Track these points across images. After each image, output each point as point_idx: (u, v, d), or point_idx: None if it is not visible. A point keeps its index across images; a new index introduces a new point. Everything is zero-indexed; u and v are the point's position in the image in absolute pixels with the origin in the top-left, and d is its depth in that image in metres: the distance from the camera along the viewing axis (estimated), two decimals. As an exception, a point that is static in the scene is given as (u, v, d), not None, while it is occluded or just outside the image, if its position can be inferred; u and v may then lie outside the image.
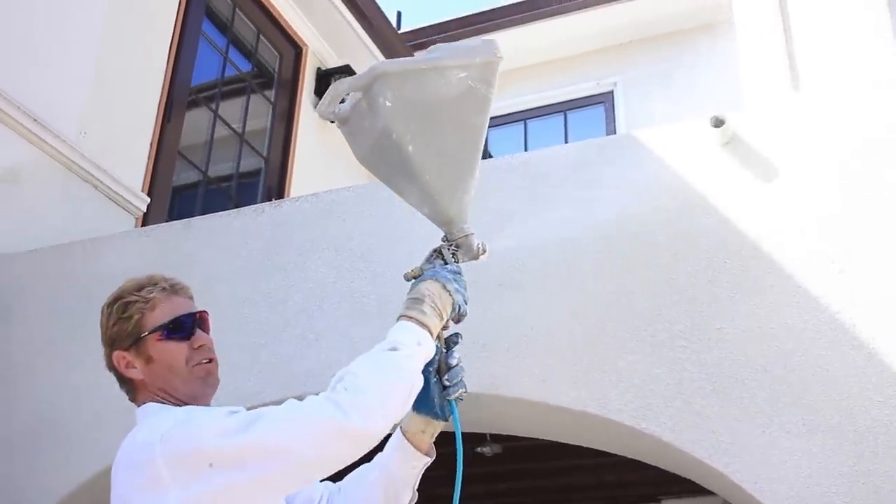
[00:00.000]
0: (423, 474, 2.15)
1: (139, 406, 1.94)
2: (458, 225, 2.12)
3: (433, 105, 2.03)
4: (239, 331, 3.62)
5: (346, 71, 7.58)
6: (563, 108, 7.92)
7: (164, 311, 1.95)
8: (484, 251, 2.16)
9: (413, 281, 2.05)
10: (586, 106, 7.87)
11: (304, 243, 3.69)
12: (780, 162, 3.12)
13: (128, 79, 5.66)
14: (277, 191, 6.96)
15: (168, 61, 6.02)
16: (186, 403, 1.91)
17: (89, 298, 4.10)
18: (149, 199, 5.57)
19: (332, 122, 2.12)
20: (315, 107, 7.57)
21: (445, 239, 2.13)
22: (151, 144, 5.77)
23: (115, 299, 1.97)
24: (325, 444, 1.71)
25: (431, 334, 1.94)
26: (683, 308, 3.01)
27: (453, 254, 2.11)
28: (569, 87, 7.85)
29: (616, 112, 7.69)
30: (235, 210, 4.00)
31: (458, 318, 2.05)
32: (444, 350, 2.06)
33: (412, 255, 3.41)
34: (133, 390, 1.96)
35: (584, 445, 3.49)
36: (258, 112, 7.28)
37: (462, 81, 2.05)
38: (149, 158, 5.73)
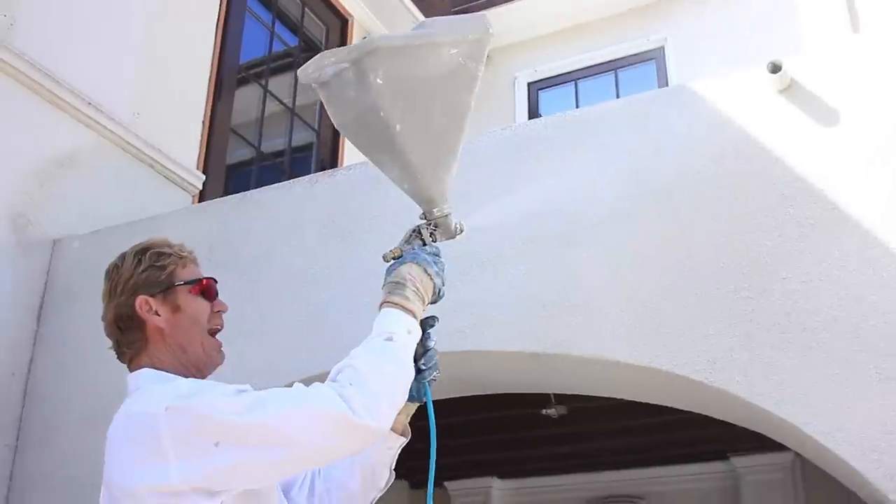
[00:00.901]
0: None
1: (132, 370, 1.93)
2: (439, 204, 2.09)
3: (423, 82, 2.00)
4: (295, 300, 3.63)
5: (393, 40, 7.53)
6: (614, 66, 7.78)
7: (192, 271, 2.01)
8: (461, 231, 2.14)
9: (392, 262, 2.04)
10: (637, 63, 7.73)
11: (359, 212, 3.68)
12: (840, 106, 3.04)
13: (177, 59, 5.70)
14: (330, 163, 6.96)
15: (216, 39, 6.04)
16: (189, 371, 1.92)
17: (151, 276, 4.16)
18: (204, 177, 5.61)
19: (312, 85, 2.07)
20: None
21: (424, 217, 2.11)
22: (204, 123, 5.81)
23: (146, 249, 2.00)
24: (332, 438, 1.72)
25: (416, 319, 1.95)
26: (747, 259, 2.95)
27: (432, 234, 2.09)
28: (618, 44, 7.71)
29: (668, 68, 7.55)
30: (290, 181, 4.01)
31: (435, 299, 2.04)
32: (421, 332, 2.02)
33: (461, 215, 3.41)
34: (142, 343, 1.93)
35: (651, 402, 3.47)
36: (307, 85, 7.24)
37: (453, 58, 2.01)
38: (202, 136, 5.77)
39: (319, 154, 7.06)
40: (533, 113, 7.77)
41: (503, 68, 8.18)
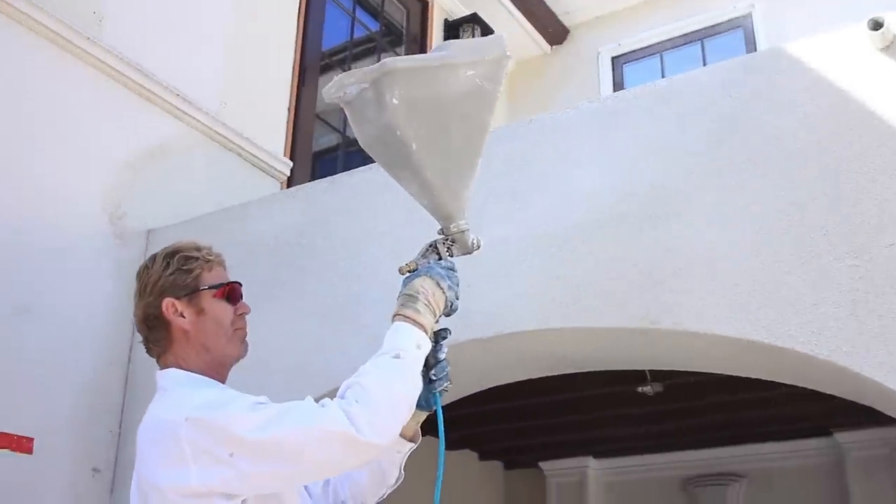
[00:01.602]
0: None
1: (161, 367, 2.07)
2: (456, 220, 2.15)
3: (440, 103, 2.05)
4: (385, 282, 3.61)
5: (474, 20, 7.50)
6: (700, 36, 7.59)
7: (217, 275, 2.12)
8: (478, 246, 2.21)
9: (407, 275, 2.11)
10: (724, 32, 7.54)
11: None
12: (947, 60, 2.89)
13: (261, 48, 5.76)
14: (415, 146, 6.95)
15: (298, 27, 6.09)
16: (213, 368, 2.05)
17: (242, 263, 4.19)
18: (291, 164, 5.67)
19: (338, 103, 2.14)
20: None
21: (442, 233, 2.18)
22: (289, 109, 5.86)
23: (175, 252, 2.10)
24: (335, 453, 1.82)
25: (426, 333, 2.01)
26: (850, 226, 2.83)
27: (448, 248, 2.16)
28: (704, 13, 7.53)
29: (756, 35, 7.34)
30: (377, 163, 3.99)
31: (449, 312, 2.10)
32: (434, 343, 2.08)
33: (557, 192, 3.36)
34: (167, 342, 2.05)
35: (752, 377, 3.37)
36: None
37: (470, 79, 2.06)
38: (288, 123, 5.82)
39: (404, 137, 7.04)
40: (618, 88, 7.63)
41: (585, 44, 8.07)
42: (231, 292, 2.11)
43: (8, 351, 3.93)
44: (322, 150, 6.61)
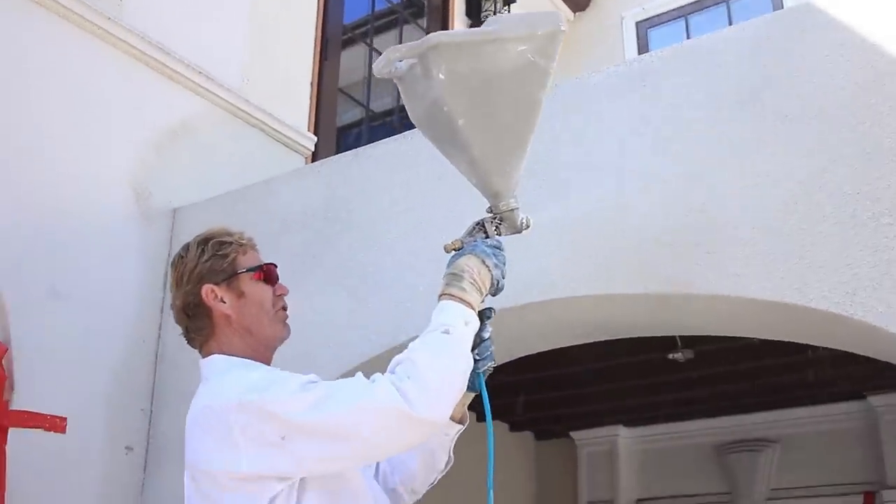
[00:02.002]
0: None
1: (204, 356, 2.04)
2: (505, 198, 2.12)
3: (488, 79, 2.01)
4: (417, 257, 3.60)
5: (497, -11, 7.44)
6: (726, -3, 7.50)
7: (252, 258, 2.10)
8: (527, 226, 2.17)
9: (453, 254, 2.08)
10: (751, -9, 7.44)
11: (473, 160, 3.61)
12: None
13: (282, 23, 5.73)
14: (439, 118, 6.92)
15: (319, 1, 6.05)
16: (258, 351, 2.03)
17: (269, 238, 4.19)
18: (315, 138, 5.65)
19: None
20: (468, 28, 7.49)
21: (490, 211, 2.15)
22: (312, 84, 5.84)
23: (207, 238, 2.09)
24: (392, 431, 1.80)
25: (474, 310, 1.98)
26: (886, 183, 2.77)
27: (496, 227, 2.13)
28: (730, -27, 7.43)
29: (782, -3, 7.23)
30: (402, 135, 3.97)
31: (495, 291, 2.06)
32: (478, 323, 2.03)
33: (591, 157, 3.32)
34: (209, 330, 2.03)
35: (784, 340, 3.33)
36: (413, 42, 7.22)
37: (521, 55, 2.01)
38: (311, 98, 5.81)
39: (427, 110, 7.01)
40: (643, 53, 7.55)
41: (609, 9, 7.99)
42: (268, 274, 2.10)
43: (40, 333, 3.95)
44: (346, 125, 6.59)
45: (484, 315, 2.05)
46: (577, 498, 7.74)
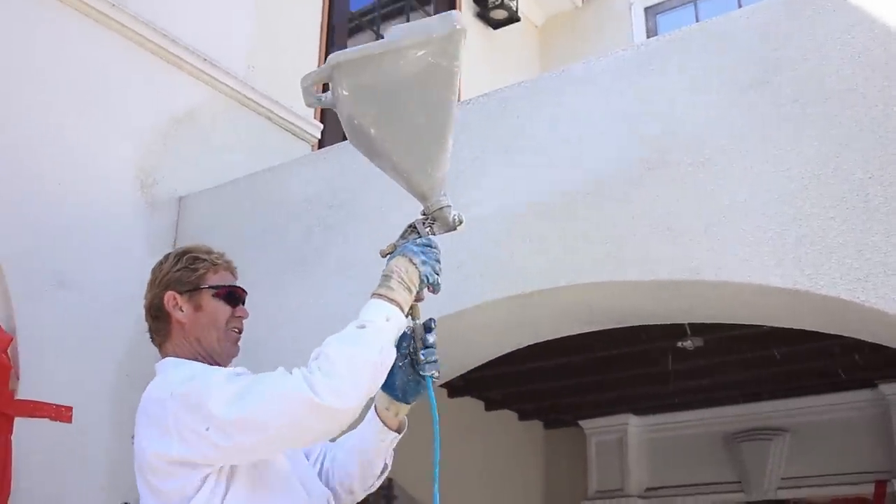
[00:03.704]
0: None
1: (162, 356, 2.24)
2: (431, 198, 2.18)
3: (393, 87, 2.09)
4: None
5: (504, -25, 7.39)
6: (736, -20, 7.43)
7: (222, 277, 2.27)
8: (460, 222, 2.21)
9: (388, 257, 2.16)
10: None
11: (478, 146, 3.58)
12: None
13: (288, 10, 5.71)
14: (447, 104, 6.88)
15: (325, -13, 6.02)
16: (205, 358, 2.19)
17: (276, 226, 4.18)
18: (322, 126, 5.62)
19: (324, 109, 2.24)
20: (475, 14, 7.46)
21: (423, 213, 2.21)
22: (318, 72, 5.79)
23: (185, 252, 2.29)
24: (299, 420, 1.89)
25: (402, 309, 2.06)
26: (897, 166, 2.74)
27: (429, 227, 2.19)
28: (740, -42, 7.36)
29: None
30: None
31: (433, 288, 2.15)
32: (423, 330, 2.14)
33: (590, 146, 3.29)
34: (166, 333, 2.23)
35: (794, 327, 3.30)
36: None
37: (421, 59, 2.08)
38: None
39: (435, 96, 6.97)
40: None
41: (617, -5, 7.93)
42: (230, 295, 2.25)
43: (45, 322, 3.93)
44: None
45: (427, 325, 2.15)
46: (587, 486, 7.71)
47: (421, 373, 2.11)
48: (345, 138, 5.45)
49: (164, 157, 4.63)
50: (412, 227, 2.20)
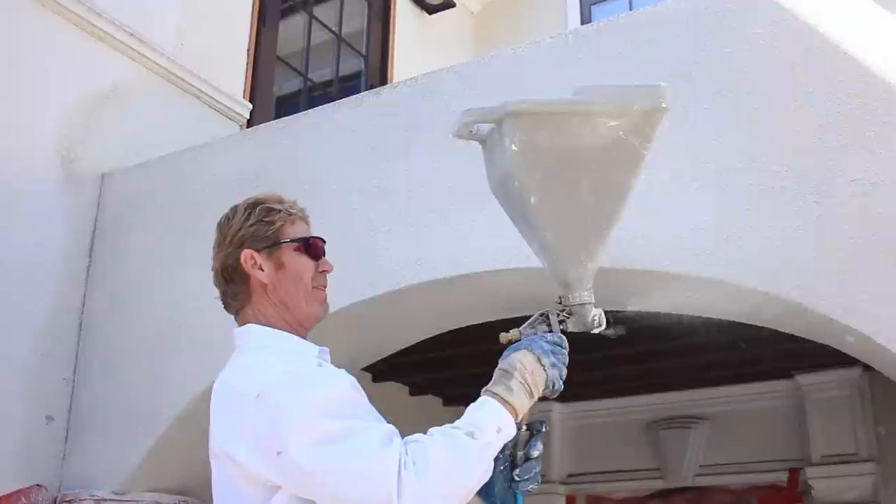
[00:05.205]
0: None
1: (240, 323, 1.96)
2: (576, 290, 1.90)
3: (570, 155, 1.81)
4: (344, 221, 3.56)
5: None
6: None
7: (301, 228, 2.00)
8: (600, 325, 1.94)
9: (509, 346, 1.89)
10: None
11: (408, 130, 3.58)
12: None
13: (220, -13, 5.62)
14: (379, 89, 6.86)
15: (257, -34, 5.95)
16: (292, 327, 1.93)
17: (200, 204, 4.12)
18: (251, 106, 5.56)
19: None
20: (410, -1, 7.45)
21: (559, 301, 1.94)
22: (249, 51, 5.74)
23: (256, 203, 1.99)
24: None
25: (517, 415, 1.77)
26: (815, 160, 2.80)
27: (562, 321, 1.91)
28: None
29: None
30: (335, 103, 3.92)
31: (549, 393, 1.86)
32: (528, 436, 1.86)
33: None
34: (245, 295, 1.95)
35: (714, 318, 3.35)
36: (354, 12, 7.16)
37: (611, 131, 1.81)
38: (247, 65, 5.71)
39: (368, 81, 6.96)
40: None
41: (551, -15, 7.96)
42: (313, 247, 1.99)
43: (-42, 297, 3.85)
44: (287, 95, 6.50)
45: (534, 428, 1.86)
46: (510, 472, 7.76)
47: (515, 490, 1.84)
48: (274, 118, 5.42)
49: (87, 133, 4.53)
50: (544, 317, 1.92)
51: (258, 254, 1.93)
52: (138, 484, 3.93)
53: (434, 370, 6.39)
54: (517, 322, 3.80)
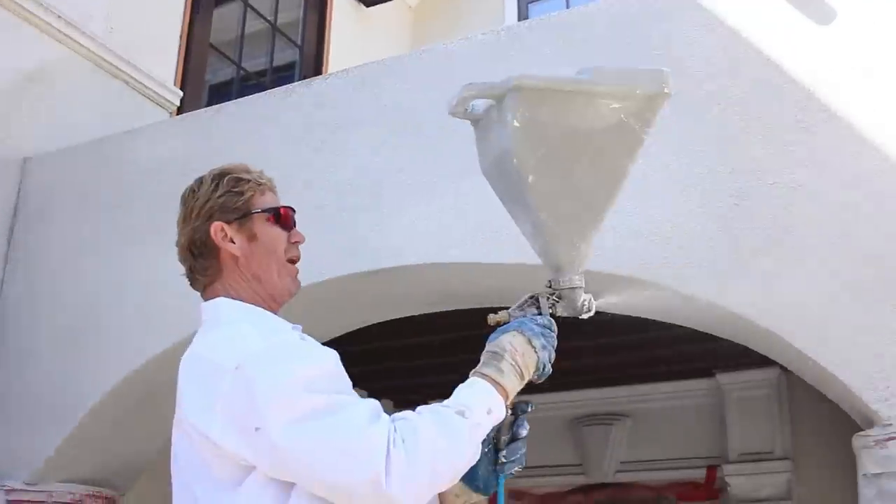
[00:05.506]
0: None
1: (206, 298, 1.87)
2: (567, 274, 1.87)
3: (571, 135, 1.79)
4: (276, 214, 3.54)
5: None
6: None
7: (270, 199, 1.92)
8: (589, 309, 1.93)
9: (497, 328, 1.85)
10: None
11: (339, 120, 3.57)
12: (836, 2, 2.92)
13: (151, -29, 5.53)
14: (313, 81, 6.82)
15: (192, -48, 5.87)
16: (265, 301, 1.85)
17: (125, 191, 4.07)
18: (182, 93, 5.49)
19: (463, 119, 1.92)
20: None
21: (549, 285, 1.90)
22: (181, 38, 5.67)
23: (223, 173, 1.91)
24: (350, 491, 1.56)
25: (507, 397, 1.74)
26: (733, 162, 2.86)
27: (552, 304, 1.89)
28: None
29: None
30: (266, 92, 3.90)
31: (539, 375, 1.83)
32: (512, 418, 1.83)
33: (452, 123, 3.31)
34: (215, 270, 1.87)
35: (634, 316, 3.40)
36: (290, 2, 7.12)
37: (614, 113, 1.80)
38: (179, 52, 5.64)
39: (302, 72, 6.92)
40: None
41: (489, -18, 8.00)
42: (285, 218, 1.91)
43: None
44: (218, 84, 6.43)
45: (519, 409, 1.85)
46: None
47: (500, 472, 1.80)
48: (206, 105, 5.35)
49: (9, 117, 4.44)
50: (533, 300, 1.88)
51: (228, 226, 1.85)
52: (51, 475, 3.86)
53: (359, 363, 6.36)
54: (448, 316, 3.84)
